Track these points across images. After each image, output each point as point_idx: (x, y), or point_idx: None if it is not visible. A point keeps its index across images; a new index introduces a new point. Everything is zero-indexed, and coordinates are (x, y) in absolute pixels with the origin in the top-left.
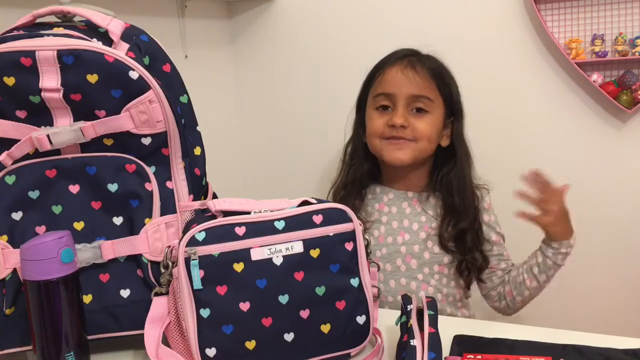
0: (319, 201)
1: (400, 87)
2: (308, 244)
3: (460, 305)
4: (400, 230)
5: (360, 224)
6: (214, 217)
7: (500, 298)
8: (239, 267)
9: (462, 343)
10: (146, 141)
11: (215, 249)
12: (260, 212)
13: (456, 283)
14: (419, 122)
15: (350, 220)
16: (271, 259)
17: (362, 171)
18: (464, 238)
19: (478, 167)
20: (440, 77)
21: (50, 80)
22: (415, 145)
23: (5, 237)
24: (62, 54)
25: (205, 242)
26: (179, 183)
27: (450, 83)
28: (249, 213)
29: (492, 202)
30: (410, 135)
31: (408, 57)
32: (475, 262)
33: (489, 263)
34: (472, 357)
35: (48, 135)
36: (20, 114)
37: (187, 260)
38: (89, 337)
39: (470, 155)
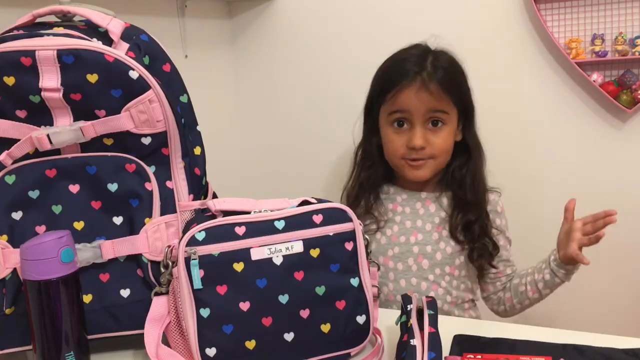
0: (319, 201)
1: (416, 106)
2: (308, 243)
3: (467, 307)
4: (413, 230)
5: (361, 224)
6: (214, 216)
7: (499, 303)
8: (238, 266)
9: (462, 343)
10: (146, 141)
11: (215, 248)
12: (260, 211)
13: (466, 287)
14: (436, 138)
15: (350, 220)
16: (271, 258)
17: (378, 175)
18: (471, 228)
19: None
20: (453, 87)
21: (50, 80)
22: (435, 161)
23: (5, 236)
24: (62, 54)
25: (205, 241)
26: (179, 183)
27: (462, 85)
28: (249, 213)
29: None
30: (429, 154)
31: (420, 76)
32: (486, 248)
33: (499, 250)
34: (472, 356)
35: (48, 135)
36: (20, 113)
37: (187, 260)
38: (89, 337)
39: (482, 149)
